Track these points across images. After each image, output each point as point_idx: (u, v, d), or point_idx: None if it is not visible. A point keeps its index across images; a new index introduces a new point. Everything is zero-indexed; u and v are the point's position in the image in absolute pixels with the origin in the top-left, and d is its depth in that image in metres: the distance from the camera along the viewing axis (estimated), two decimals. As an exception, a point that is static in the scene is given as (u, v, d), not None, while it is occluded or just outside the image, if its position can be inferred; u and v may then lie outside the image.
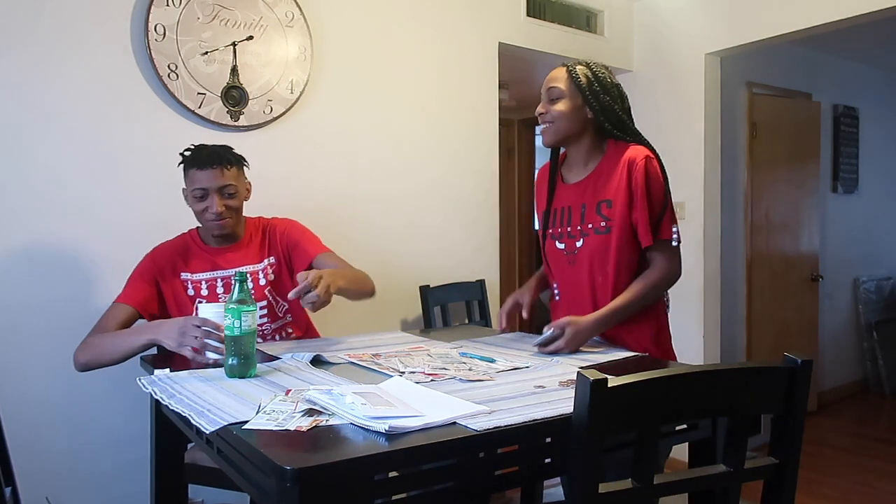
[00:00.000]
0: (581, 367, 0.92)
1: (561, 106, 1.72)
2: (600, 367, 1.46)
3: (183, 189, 1.90)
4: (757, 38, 3.09)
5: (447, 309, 2.82)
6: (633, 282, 1.67)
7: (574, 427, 0.89)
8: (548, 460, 1.20)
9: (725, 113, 3.49)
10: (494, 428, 1.02)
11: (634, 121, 1.78)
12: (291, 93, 2.43)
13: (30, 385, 1.98)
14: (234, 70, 2.29)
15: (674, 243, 1.67)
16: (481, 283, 2.93)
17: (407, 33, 2.77)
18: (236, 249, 1.94)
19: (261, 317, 1.91)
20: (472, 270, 2.97)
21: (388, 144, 2.73)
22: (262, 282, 1.94)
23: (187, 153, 1.88)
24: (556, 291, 1.87)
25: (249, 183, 1.96)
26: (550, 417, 1.08)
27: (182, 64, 2.19)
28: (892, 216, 5.01)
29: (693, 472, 1.04)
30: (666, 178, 1.69)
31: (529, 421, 1.06)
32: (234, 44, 2.29)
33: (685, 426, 1.39)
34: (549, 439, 1.20)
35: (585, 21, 3.40)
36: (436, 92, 2.86)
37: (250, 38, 2.32)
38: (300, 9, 2.43)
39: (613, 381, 0.88)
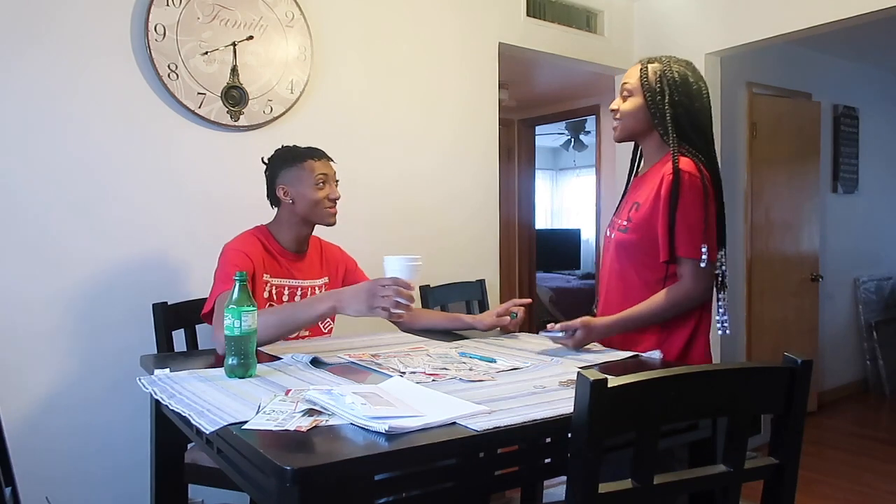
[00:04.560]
0: (581, 367, 0.92)
1: (628, 104, 1.74)
2: (600, 367, 1.47)
3: (281, 186, 1.87)
4: (757, 38, 3.09)
5: (447, 309, 2.82)
6: (657, 293, 1.65)
7: (574, 427, 0.89)
8: (548, 460, 1.20)
9: (725, 113, 3.49)
10: (494, 428, 1.02)
11: (703, 125, 1.70)
12: (291, 93, 2.43)
13: (30, 385, 1.98)
14: (234, 70, 2.29)
15: (702, 264, 1.60)
16: (481, 283, 2.93)
17: (407, 33, 2.77)
18: (303, 259, 1.94)
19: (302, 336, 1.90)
20: (472, 270, 2.96)
21: (388, 144, 2.73)
22: None
23: (284, 151, 1.90)
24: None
25: None
26: (550, 417, 1.08)
27: (182, 64, 2.19)
28: (892, 216, 5.00)
29: (693, 472, 1.03)
30: (696, 196, 1.60)
31: (529, 421, 1.06)
32: (234, 44, 2.28)
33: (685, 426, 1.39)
34: (548, 439, 1.20)
35: (585, 21, 3.40)
36: (436, 92, 2.86)
37: (250, 38, 2.32)
38: (300, 9, 2.43)
39: (613, 381, 0.88)
